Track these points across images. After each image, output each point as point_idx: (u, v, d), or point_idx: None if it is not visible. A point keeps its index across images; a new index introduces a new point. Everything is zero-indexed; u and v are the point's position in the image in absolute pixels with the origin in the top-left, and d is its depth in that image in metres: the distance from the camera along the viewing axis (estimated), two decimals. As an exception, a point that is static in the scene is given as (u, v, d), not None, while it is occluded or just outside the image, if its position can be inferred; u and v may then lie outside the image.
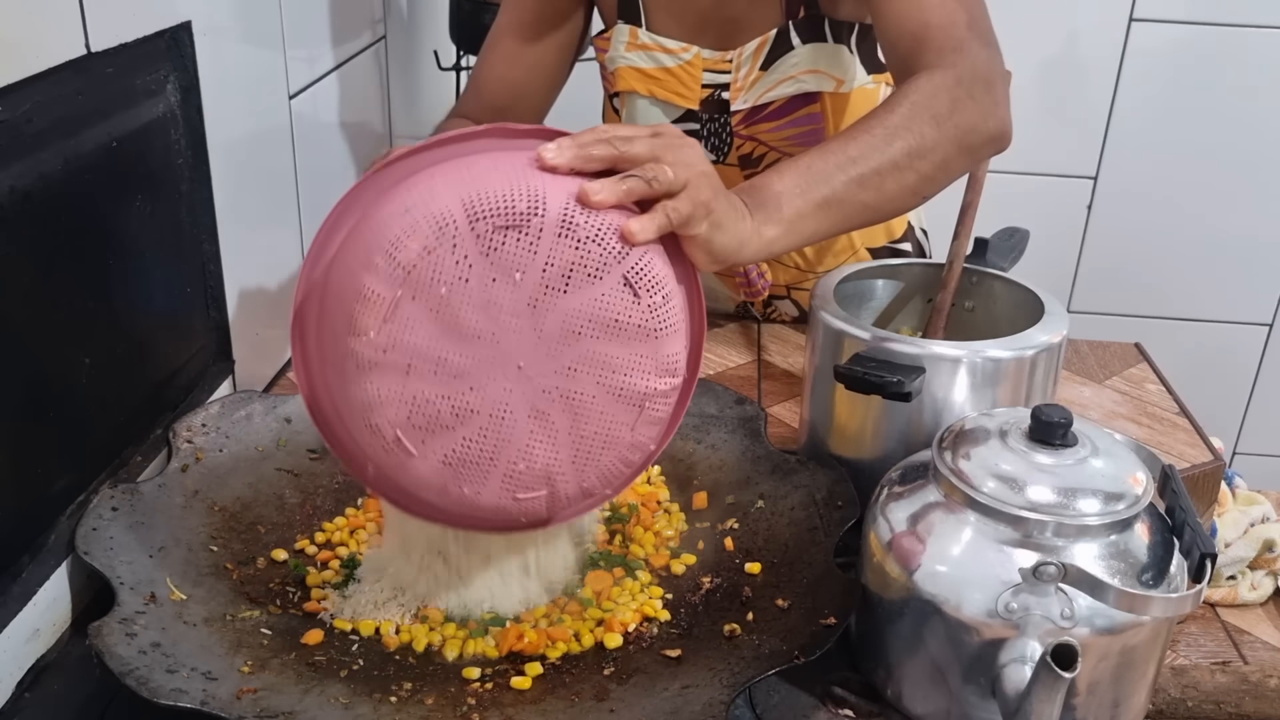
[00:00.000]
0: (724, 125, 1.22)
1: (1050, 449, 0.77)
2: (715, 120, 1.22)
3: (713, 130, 1.23)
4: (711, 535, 0.97)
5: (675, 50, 1.21)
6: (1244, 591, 0.99)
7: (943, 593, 0.75)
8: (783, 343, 1.35)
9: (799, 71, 1.19)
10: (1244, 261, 2.39)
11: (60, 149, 0.84)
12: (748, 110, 1.21)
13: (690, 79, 1.21)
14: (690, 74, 1.21)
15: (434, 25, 2.02)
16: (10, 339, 0.79)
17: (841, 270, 1.06)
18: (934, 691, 0.78)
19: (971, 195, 1.06)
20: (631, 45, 1.21)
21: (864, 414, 0.96)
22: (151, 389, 1.02)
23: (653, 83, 1.22)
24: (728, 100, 1.21)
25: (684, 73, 1.21)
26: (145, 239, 0.98)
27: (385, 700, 0.78)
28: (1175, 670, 0.86)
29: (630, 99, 1.23)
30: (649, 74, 1.22)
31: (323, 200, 1.39)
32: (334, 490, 1.02)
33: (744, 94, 1.21)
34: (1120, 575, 0.73)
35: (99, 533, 0.86)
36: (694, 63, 1.21)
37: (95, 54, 0.87)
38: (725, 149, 1.24)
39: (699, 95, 1.22)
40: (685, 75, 1.21)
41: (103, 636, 0.75)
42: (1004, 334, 0.94)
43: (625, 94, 1.23)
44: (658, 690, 0.79)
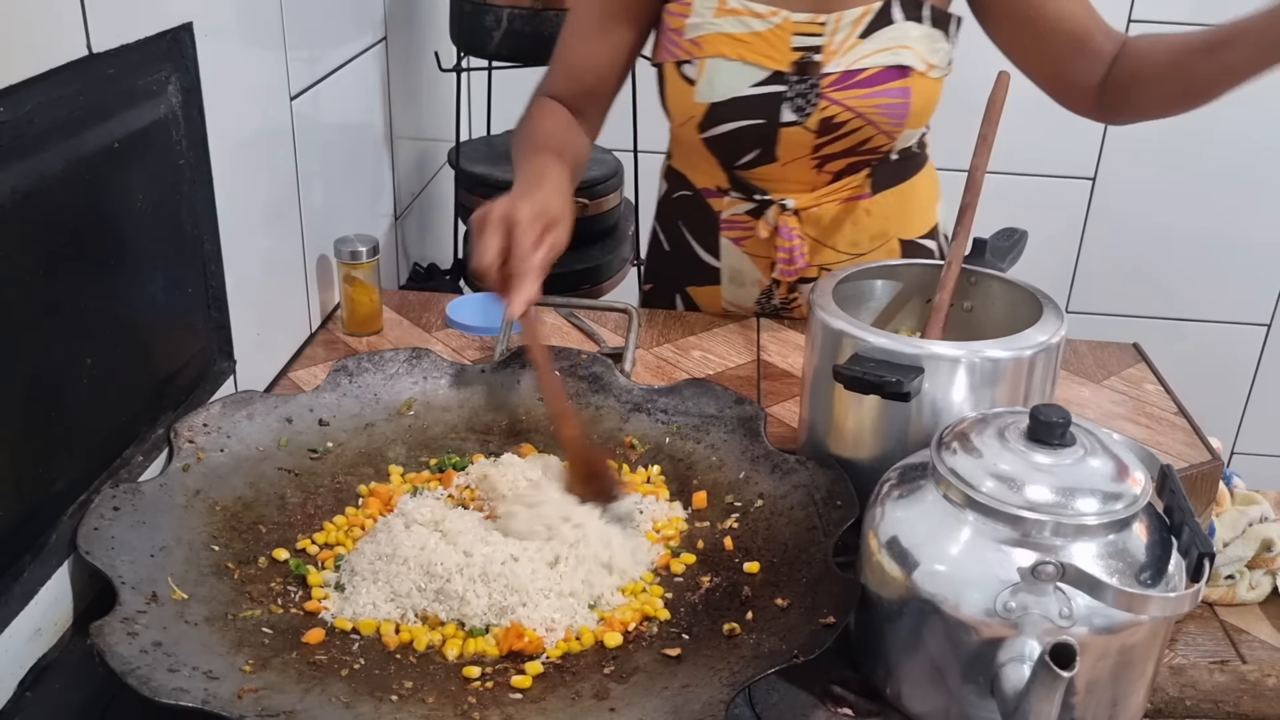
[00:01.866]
0: (812, 88, 1.23)
1: (1049, 449, 0.77)
2: (803, 82, 1.23)
3: (799, 92, 1.24)
4: (711, 535, 0.98)
5: (764, 14, 1.22)
6: (1242, 591, 0.99)
7: (941, 592, 0.75)
8: (782, 343, 1.35)
9: (896, 45, 1.23)
10: (1242, 262, 2.40)
11: (62, 149, 0.84)
12: (840, 74, 1.23)
13: (780, 41, 1.23)
14: (780, 37, 1.23)
15: (435, 27, 2.02)
16: (12, 339, 0.79)
17: (841, 271, 1.06)
18: (933, 690, 0.78)
19: (970, 196, 1.07)
20: (720, 11, 1.23)
21: (863, 414, 0.97)
22: (153, 389, 1.02)
23: (743, 46, 1.23)
24: (819, 62, 1.23)
25: (774, 36, 1.22)
26: (146, 239, 0.98)
27: (386, 699, 0.78)
28: (1174, 669, 0.86)
29: (715, 63, 1.24)
30: (739, 38, 1.23)
31: (323, 200, 1.40)
32: (334, 490, 1.02)
33: (838, 58, 1.23)
34: (1119, 575, 0.73)
35: (100, 532, 0.86)
36: (784, 26, 1.22)
37: (97, 55, 0.87)
38: (808, 110, 1.24)
39: (789, 58, 1.23)
40: (775, 38, 1.23)
41: (104, 636, 0.75)
42: (1002, 334, 0.94)
43: (709, 59, 1.24)
44: (658, 689, 0.79)
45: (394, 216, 1.86)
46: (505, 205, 0.98)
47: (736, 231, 1.36)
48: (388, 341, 1.34)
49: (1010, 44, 1.26)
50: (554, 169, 1.11)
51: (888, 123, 1.25)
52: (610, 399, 1.13)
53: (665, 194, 1.44)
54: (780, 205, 1.31)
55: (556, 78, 1.30)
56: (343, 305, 1.35)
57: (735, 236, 1.37)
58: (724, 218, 1.36)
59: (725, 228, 1.37)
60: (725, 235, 1.37)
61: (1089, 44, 1.22)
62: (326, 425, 1.08)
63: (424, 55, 2.01)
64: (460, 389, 1.14)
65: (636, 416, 1.11)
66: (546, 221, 1.00)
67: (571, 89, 1.29)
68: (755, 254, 1.37)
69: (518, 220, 0.97)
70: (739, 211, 1.35)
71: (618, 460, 1.07)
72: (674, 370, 1.28)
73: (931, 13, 1.24)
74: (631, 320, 1.25)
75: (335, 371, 1.12)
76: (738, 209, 1.35)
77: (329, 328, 1.38)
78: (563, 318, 1.39)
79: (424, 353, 1.15)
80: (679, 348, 1.34)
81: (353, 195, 1.59)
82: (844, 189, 1.32)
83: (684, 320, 1.41)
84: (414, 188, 2.06)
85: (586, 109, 1.30)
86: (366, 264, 1.33)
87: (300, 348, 1.32)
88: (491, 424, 1.12)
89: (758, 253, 1.36)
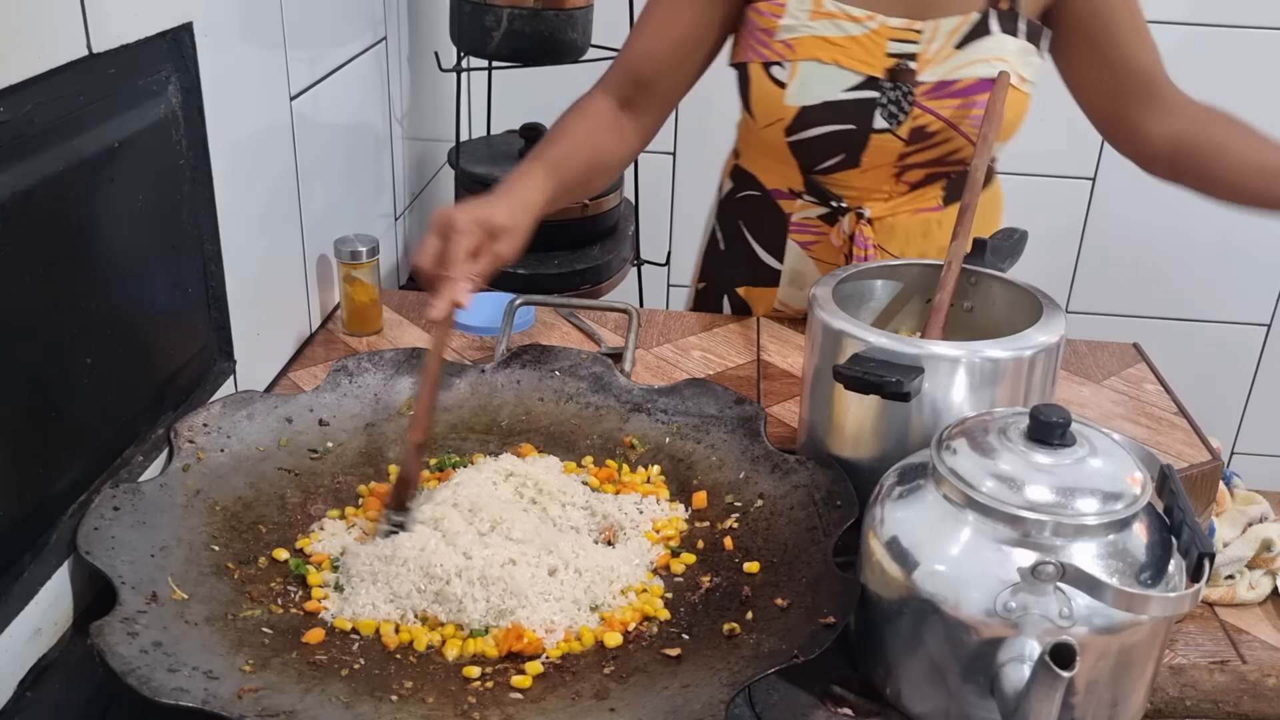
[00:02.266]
0: (906, 95, 1.22)
1: (1049, 449, 0.77)
2: (898, 89, 1.23)
3: (893, 99, 1.23)
4: (711, 535, 0.98)
5: (860, 18, 1.21)
6: (1242, 591, 0.99)
7: (941, 592, 0.75)
8: (782, 343, 1.35)
9: (992, 57, 1.22)
10: (1242, 262, 2.39)
11: (62, 149, 0.84)
12: (935, 83, 1.22)
13: (875, 47, 1.21)
14: (875, 42, 1.21)
15: (435, 26, 2.02)
16: (12, 339, 0.79)
17: (841, 270, 1.06)
18: (933, 690, 0.78)
19: (970, 196, 1.07)
20: (816, 14, 1.21)
21: (863, 414, 0.97)
22: (153, 389, 1.02)
23: (837, 50, 1.22)
24: (914, 70, 1.22)
25: (869, 41, 1.21)
26: (147, 239, 0.98)
27: (386, 699, 0.78)
28: (1173, 669, 0.86)
29: (809, 67, 1.22)
30: (834, 42, 1.21)
31: (323, 200, 1.40)
32: (334, 490, 1.02)
33: (933, 66, 1.21)
34: (1119, 575, 0.73)
35: (100, 532, 0.86)
36: (880, 31, 1.21)
37: (97, 55, 0.87)
38: (901, 118, 1.23)
39: (884, 63, 1.22)
40: (870, 43, 1.21)
41: (104, 636, 0.75)
42: (1002, 334, 0.94)
43: (803, 62, 1.22)
44: (658, 689, 0.79)
45: (394, 216, 1.86)
46: (452, 211, 1.00)
47: (806, 235, 1.35)
48: (388, 341, 1.34)
49: (1076, 73, 1.26)
50: (530, 182, 1.10)
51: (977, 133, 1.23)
52: (610, 399, 1.13)
53: (729, 193, 1.42)
54: (857, 213, 1.29)
55: (616, 68, 1.27)
56: (343, 305, 1.35)
57: (804, 240, 1.35)
58: (794, 220, 1.34)
59: (794, 230, 1.35)
60: (794, 238, 1.35)
61: (1154, 92, 1.24)
62: (326, 425, 1.08)
63: (424, 55, 2.01)
64: (460, 389, 1.14)
65: (636, 416, 1.11)
66: (488, 231, 1.00)
67: (627, 79, 1.26)
68: (821, 259, 1.35)
69: (456, 227, 0.98)
70: (811, 215, 1.33)
71: (618, 460, 1.07)
72: (674, 370, 1.28)
73: (1027, 27, 1.22)
74: (631, 320, 1.25)
75: (335, 371, 1.12)
76: (809, 213, 1.33)
77: (329, 328, 1.38)
78: (563, 318, 1.39)
79: (424, 353, 1.15)
80: (679, 348, 1.34)
81: (353, 195, 1.59)
82: (918, 200, 1.30)
83: (684, 320, 1.41)
84: (414, 188, 2.06)
85: (641, 104, 1.26)
86: (366, 264, 1.33)
87: (300, 348, 1.32)
88: (491, 424, 1.12)
89: (824, 258, 1.34)
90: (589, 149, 1.22)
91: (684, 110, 2.26)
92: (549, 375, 1.16)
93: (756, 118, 1.28)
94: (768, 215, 1.36)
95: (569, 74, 2.02)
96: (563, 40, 1.83)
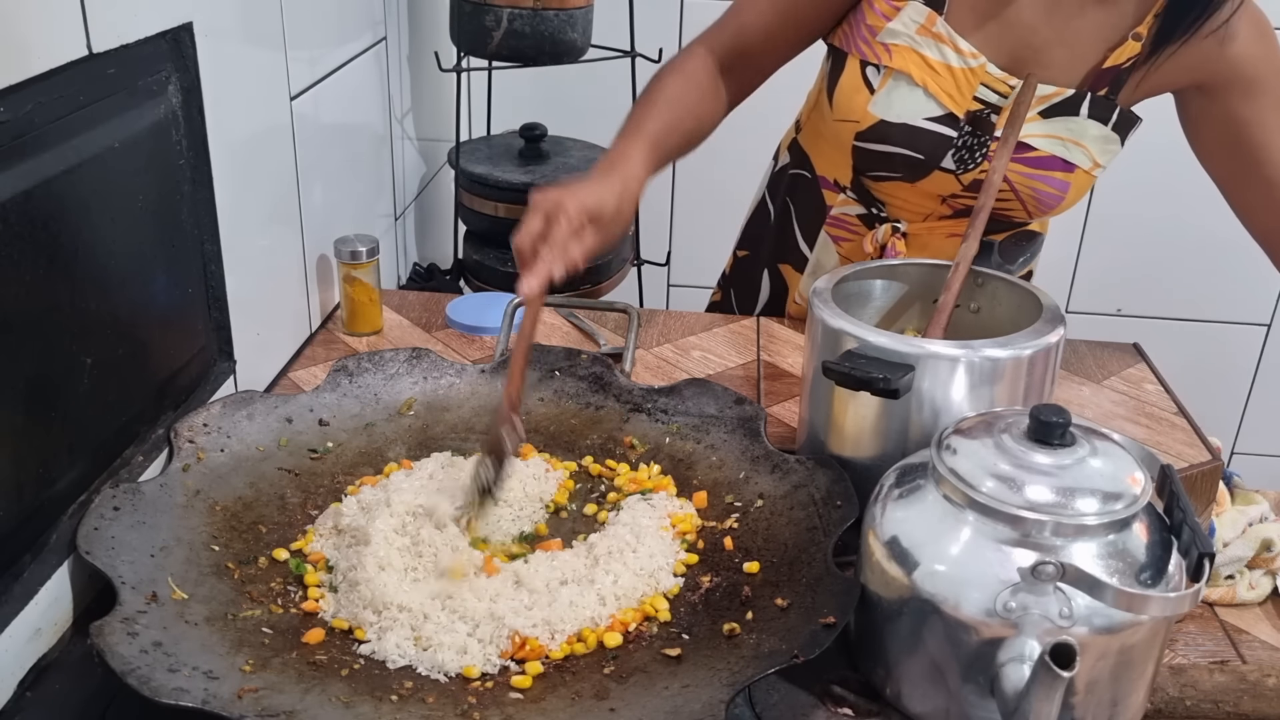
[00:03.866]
0: (982, 144, 1.20)
1: (1049, 449, 0.77)
2: (976, 136, 1.20)
3: (967, 144, 1.20)
4: (711, 535, 0.98)
5: (966, 53, 1.18)
6: (1242, 591, 0.99)
7: (941, 592, 0.75)
8: (782, 343, 1.35)
9: (1071, 138, 1.19)
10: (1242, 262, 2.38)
11: (62, 150, 0.84)
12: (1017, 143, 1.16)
13: (967, 86, 1.19)
14: (969, 80, 1.18)
15: (435, 26, 2.02)
16: (12, 339, 0.79)
17: (840, 270, 1.06)
18: (933, 690, 0.78)
19: (984, 198, 1.06)
20: (924, 30, 1.18)
21: (862, 414, 0.97)
22: (153, 389, 1.02)
23: (930, 74, 1.19)
24: (993, 123, 1.19)
25: (964, 77, 1.18)
26: (147, 239, 0.98)
27: (386, 699, 0.78)
28: (1174, 669, 0.86)
29: (899, 81, 1.19)
30: (931, 64, 1.18)
31: (323, 200, 1.40)
32: (334, 490, 1.02)
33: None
34: (1119, 575, 0.73)
35: (100, 532, 0.86)
36: (977, 71, 1.18)
37: (97, 55, 0.87)
38: (970, 166, 1.21)
39: (968, 105, 1.19)
40: (964, 80, 1.19)
41: (104, 636, 0.75)
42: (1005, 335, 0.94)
43: (895, 72, 1.19)
44: (658, 689, 0.79)
45: (394, 216, 1.86)
46: (561, 193, 0.98)
47: (840, 230, 1.34)
48: (388, 341, 1.34)
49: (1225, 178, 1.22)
50: (634, 163, 1.07)
51: (1034, 205, 1.23)
52: (610, 399, 1.13)
53: (783, 167, 1.40)
54: (893, 225, 1.28)
55: (723, 29, 1.23)
56: (343, 305, 1.35)
57: (837, 235, 1.34)
58: (833, 213, 1.34)
59: (831, 224, 1.34)
60: (828, 230, 1.35)
61: None
62: (326, 425, 1.08)
63: (424, 55, 2.01)
64: (460, 389, 1.14)
65: (636, 416, 1.11)
66: (594, 219, 0.98)
67: (734, 45, 1.22)
68: (848, 258, 1.34)
69: (564, 208, 0.96)
70: (850, 213, 1.32)
71: (617, 460, 1.07)
72: (674, 370, 1.28)
73: (1118, 116, 1.20)
74: (631, 320, 1.25)
75: (335, 371, 1.12)
76: (849, 210, 1.32)
77: (329, 328, 1.38)
78: (563, 318, 1.39)
79: (424, 353, 1.15)
80: (679, 348, 1.34)
81: (353, 195, 1.59)
82: (957, 225, 1.29)
83: (684, 320, 1.41)
84: (414, 188, 2.06)
85: (740, 71, 1.23)
86: (366, 264, 1.33)
87: (300, 348, 1.32)
88: (492, 424, 1.12)
89: (851, 257, 1.33)
90: (690, 118, 1.18)
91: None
92: (549, 375, 1.16)
93: (836, 108, 1.25)
94: (810, 198, 1.35)
95: (569, 74, 2.03)
96: (563, 40, 1.83)
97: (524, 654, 0.83)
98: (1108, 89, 1.19)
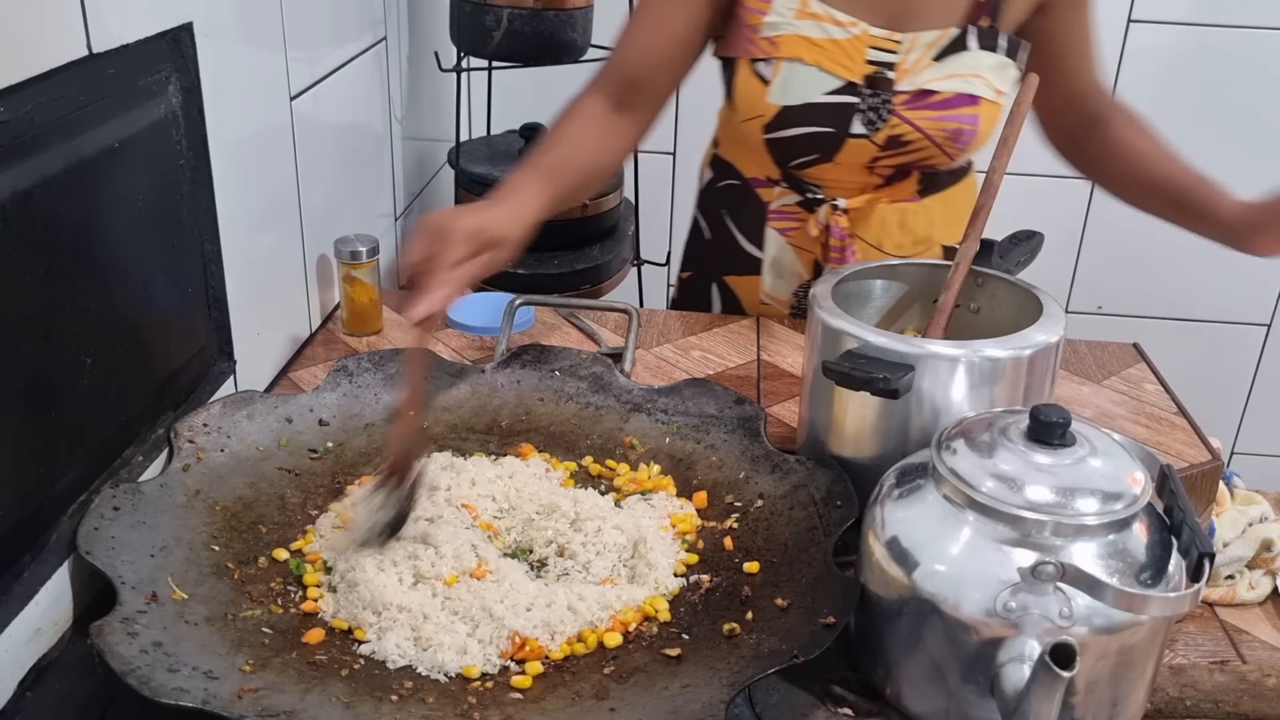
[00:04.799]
0: (884, 103, 1.24)
1: (1049, 449, 0.77)
2: (876, 96, 1.24)
3: (871, 106, 1.24)
4: (711, 535, 0.98)
5: (844, 23, 1.22)
6: (1242, 591, 0.99)
7: (941, 592, 0.75)
8: (782, 343, 1.35)
9: (969, 73, 1.24)
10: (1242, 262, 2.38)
11: (62, 150, 0.84)
12: (913, 93, 1.24)
13: (856, 53, 1.23)
14: (856, 48, 1.23)
15: (434, 26, 2.02)
16: (12, 339, 0.79)
17: (841, 270, 1.06)
18: (933, 690, 0.78)
19: (985, 198, 1.06)
20: (801, 14, 1.23)
21: (862, 414, 0.97)
22: (153, 389, 1.02)
23: (820, 52, 1.23)
24: (892, 80, 1.24)
25: (851, 46, 1.23)
26: (147, 239, 0.98)
27: (386, 699, 0.78)
28: (1173, 669, 0.86)
29: (792, 66, 1.24)
30: (817, 43, 1.23)
31: (323, 200, 1.39)
32: (334, 490, 1.02)
33: (910, 77, 1.23)
34: (1119, 575, 0.73)
35: (100, 532, 0.86)
36: (861, 38, 1.23)
37: (97, 55, 0.87)
38: (879, 125, 1.25)
39: (863, 70, 1.23)
40: (851, 48, 1.23)
41: (104, 636, 0.75)
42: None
43: (786, 60, 1.24)
44: (658, 689, 0.79)
45: (394, 216, 1.86)
46: (449, 215, 1.00)
47: (785, 222, 1.37)
48: (388, 341, 1.34)
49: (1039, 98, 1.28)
50: (527, 191, 1.10)
51: (952, 146, 1.27)
52: (610, 399, 1.13)
53: (709, 183, 1.43)
54: (832, 205, 1.31)
55: (609, 67, 1.27)
56: (343, 305, 1.35)
57: (783, 227, 1.37)
58: (772, 208, 1.36)
59: (773, 218, 1.37)
60: (772, 225, 1.37)
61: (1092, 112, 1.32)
62: (326, 425, 1.08)
63: (424, 55, 2.01)
64: (460, 389, 1.14)
65: (636, 416, 1.11)
66: (484, 241, 1.00)
67: (622, 79, 1.25)
68: (800, 246, 1.37)
69: (452, 231, 0.98)
70: (789, 203, 1.35)
71: (617, 460, 1.07)
72: (674, 370, 1.28)
73: (1007, 43, 1.24)
74: (631, 320, 1.25)
75: (335, 371, 1.12)
76: (788, 200, 1.35)
77: (329, 328, 1.38)
78: (563, 318, 1.39)
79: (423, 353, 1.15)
80: (679, 348, 1.34)
81: (353, 195, 1.59)
82: (895, 192, 1.33)
83: (684, 320, 1.41)
84: (414, 188, 2.06)
85: (634, 103, 1.25)
86: (366, 264, 1.33)
87: (300, 348, 1.32)
88: (491, 424, 1.12)
89: (803, 245, 1.37)
90: (586, 154, 1.22)
91: (684, 110, 2.26)
92: (549, 375, 1.16)
93: (739, 111, 1.30)
94: (747, 203, 1.38)
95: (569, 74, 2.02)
96: (563, 40, 1.83)
97: (524, 654, 0.83)
98: (988, 18, 1.24)
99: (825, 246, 1.33)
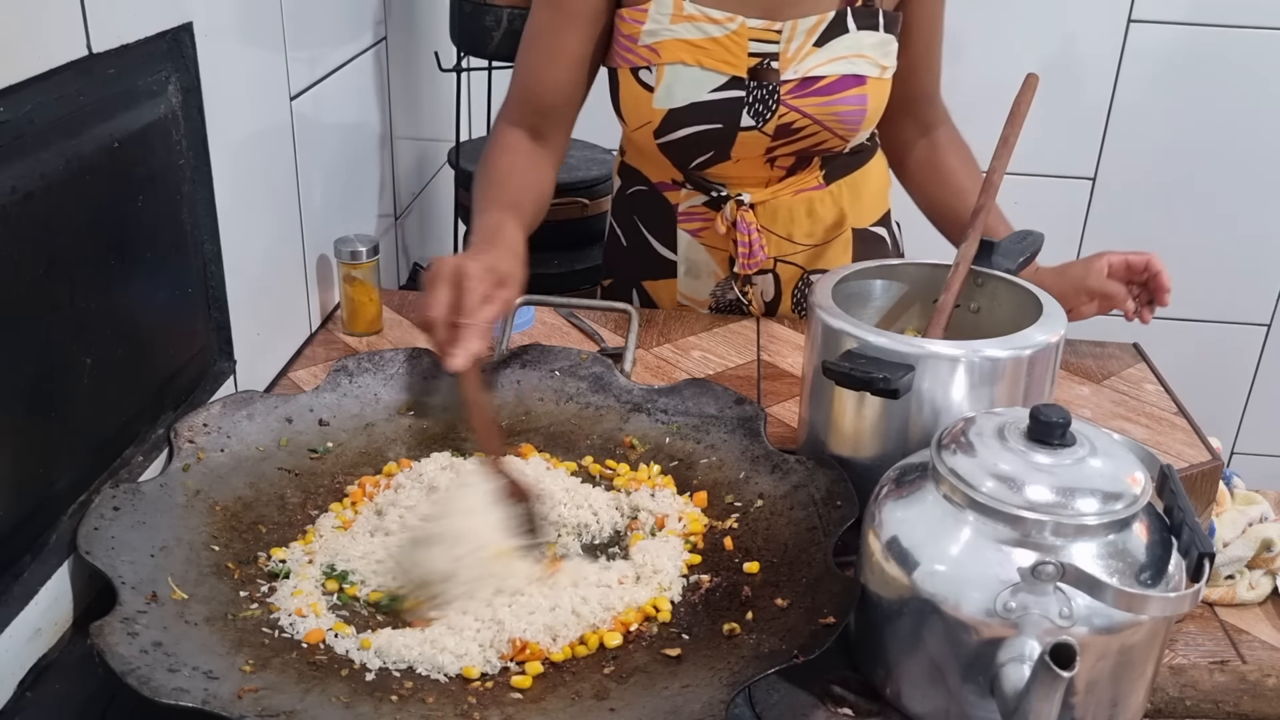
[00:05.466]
0: (771, 93, 1.25)
1: (1049, 449, 0.77)
2: (763, 88, 1.25)
3: (758, 98, 1.25)
4: (711, 535, 0.98)
5: (721, 20, 1.23)
6: (1242, 591, 0.99)
7: (941, 592, 0.75)
8: (782, 343, 1.35)
9: (851, 54, 1.25)
10: (1242, 262, 2.40)
11: (62, 149, 0.84)
12: (799, 81, 1.25)
13: (737, 48, 1.24)
14: (737, 43, 1.24)
15: (434, 26, 2.02)
16: (12, 339, 0.79)
17: (840, 270, 1.06)
18: (933, 690, 0.78)
19: (985, 198, 1.06)
20: (677, 17, 1.23)
21: (862, 414, 0.97)
22: (153, 389, 1.02)
23: (701, 52, 1.24)
24: (777, 69, 1.24)
25: (731, 42, 1.24)
26: (146, 239, 0.98)
27: (386, 699, 0.78)
28: (1174, 669, 0.86)
29: (674, 70, 1.25)
30: (697, 44, 1.24)
31: (323, 200, 1.39)
32: (334, 490, 1.02)
33: (795, 65, 1.24)
34: (1119, 575, 0.73)
35: (100, 532, 0.86)
36: (740, 32, 1.23)
37: (97, 55, 0.87)
38: (767, 115, 1.26)
39: (746, 63, 1.24)
40: (732, 44, 1.24)
41: (104, 636, 0.75)
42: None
43: (669, 65, 1.25)
44: (658, 689, 0.79)
45: (394, 216, 1.86)
46: (457, 261, 1.00)
47: (694, 223, 1.38)
48: (388, 341, 1.34)
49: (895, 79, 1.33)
50: (509, 227, 1.12)
51: (843, 128, 1.28)
52: (610, 399, 1.13)
53: (620, 190, 1.46)
54: (736, 200, 1.33)
55: (514, 100, 1.30)
56: (343, 305, 1.35)
57: (693, 228, 1.39)
58: (681, 210, 1.38)
59: (682, 220, 1.38)
60: (682, 227, 1.39)
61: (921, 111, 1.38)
62: (326, 425, 1.08)
63: (424, 55, 2.01)
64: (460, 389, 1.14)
65: (636, 416, 1.11)
66: (497, 279, 1.01)
67: (530, 109, 1.29)
68: (712, 245, 1.39)
69: (469, 274, 0.98)
70: (696, 203, 1.37)
71: (617, 460, 1.07)
72: (674, 370, 1.28)
73: (885, 19, 1.26)
74: (631, 320, 1.25)
75: (335, 371, 1.12)
76: (694, 200, 1.37)
77: (329, 328, 1.38)
78: (563, 318, 1.39)
79: (424, 353, 1.15)
80: (679, 348, 1.34)
81: (353, 195, 1.59)
82: (799, 182, 1.34)
83: (684, 320, 1.41)
84: (414, 188, 2.06)
85: (548, 129, 1.30)
86: (366, 264, 1.33)
87: (300, 348, 1.32)
88: (491, 424, 1.12)
89: (715, 244, 1.38)
90: (532, 185, 1.26)
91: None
92: (549, 375, 1.16)
93: (627, 121, 1.32)
94: (657, 208, 1.40)
95: (569, 74, 2.02)
96: (563, 40, 1.83)
97: (524, 657, 0.83)
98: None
99: (735, 243, 1.35)
